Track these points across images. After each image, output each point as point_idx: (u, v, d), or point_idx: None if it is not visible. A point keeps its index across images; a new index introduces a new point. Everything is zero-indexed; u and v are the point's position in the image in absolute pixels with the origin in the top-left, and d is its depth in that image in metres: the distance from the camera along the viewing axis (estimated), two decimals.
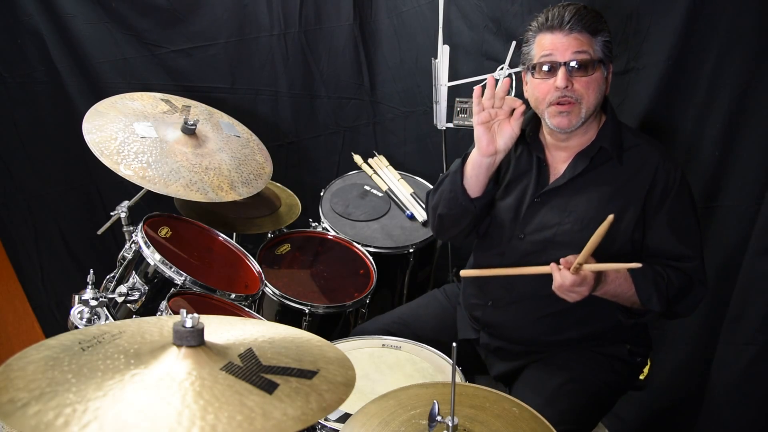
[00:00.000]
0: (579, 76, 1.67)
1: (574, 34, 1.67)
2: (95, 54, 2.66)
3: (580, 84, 1.67)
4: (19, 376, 1.01)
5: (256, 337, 1.20)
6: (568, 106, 1.68)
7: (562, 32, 1.67)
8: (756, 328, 1.71)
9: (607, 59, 1.71)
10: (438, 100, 2.48)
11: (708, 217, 1.99)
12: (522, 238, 1.79)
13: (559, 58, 1.67)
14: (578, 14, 1.67)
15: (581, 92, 1.68)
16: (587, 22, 1.67)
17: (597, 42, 1.68)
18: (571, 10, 1.68)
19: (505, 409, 1.31)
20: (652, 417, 2.24)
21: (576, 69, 1.67)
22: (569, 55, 1.66)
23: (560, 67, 1.67)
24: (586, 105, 1.69)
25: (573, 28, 1.66)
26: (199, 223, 2.20)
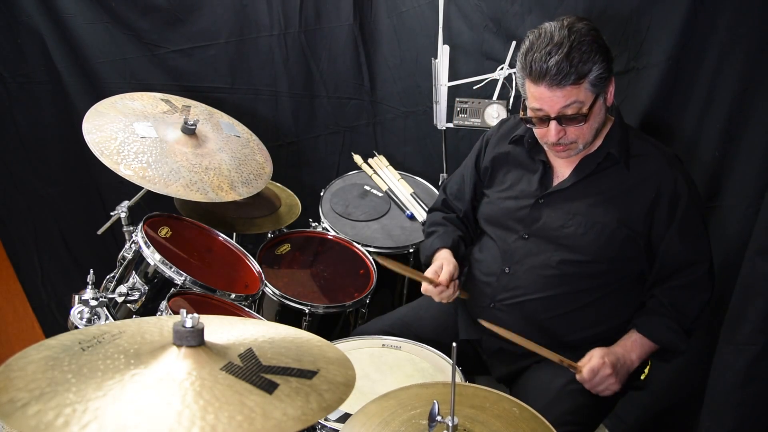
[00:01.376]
0: (572, 125, 1.65)
1: (560, 90, 1.60)
2: (95, 54, 2.66)
3: (574, 131, 1.67)
4: (19, 376, 1.01)
5: (256, 337, 1.20)
6: (564, 147, 1.70)
7: (545, 86, 1.60)
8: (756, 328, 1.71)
9: (605, 84, 1.65)
10: (438, 100, 2.48)
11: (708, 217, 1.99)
12: (526, 238, 1.79)
13: (548, 110, 1.64)
14: (559, 65, 1.57)
15: (576, 135, 1.67)
16: (572, 71, 1.58)
17: (587, 84, 1.61)
18: (555, 60, 1.57)
19: (505, 409, 1.31)
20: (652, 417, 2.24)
21: (567, 120, 1.64)
22: (557, 110, 1.63)
23: (550, 120, 1.65)
24: (583, 142, 1.70)
25: (555, 79, 1.59)
26: (199, 223, 2.20)
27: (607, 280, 1.74)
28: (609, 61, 1.66)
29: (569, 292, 1.75)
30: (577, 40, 1.59)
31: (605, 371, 1.65)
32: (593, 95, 1.64)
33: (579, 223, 1.72)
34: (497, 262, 1.84)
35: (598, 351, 1.68)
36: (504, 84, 2.37)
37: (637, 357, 1.72)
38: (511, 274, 1.81)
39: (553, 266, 1.75)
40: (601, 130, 1.75)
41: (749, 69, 1.83)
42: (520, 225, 1.80)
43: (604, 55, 1.63)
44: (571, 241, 1.73)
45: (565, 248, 1.74)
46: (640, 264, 1.75)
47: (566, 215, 1.74)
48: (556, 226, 1.75)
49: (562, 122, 1.65)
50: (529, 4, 2.36)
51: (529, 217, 1.79)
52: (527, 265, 1.79)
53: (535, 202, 1.79)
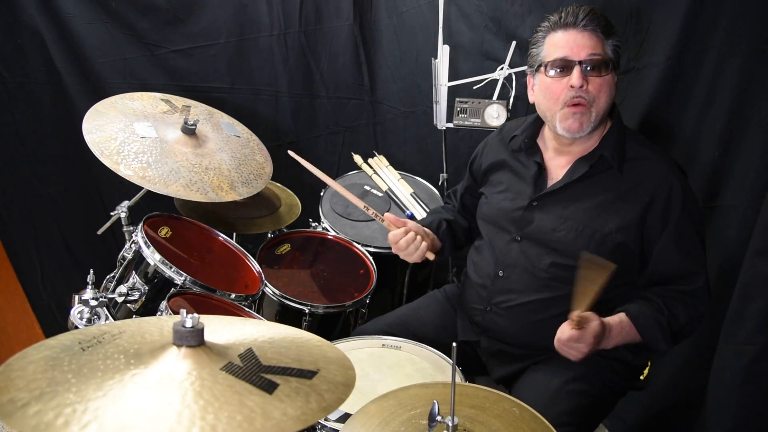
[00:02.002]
0: (593, 77, 1.66)
1: (589, 33, 1.67)
2: (95, 54, 2.66)
3: (594, 85, 1.67)
4: (19, 376, 1.01)
5: (256, 337, 1.20)
6: (582, 107, 1.67)
7: (576, 29, 1.67)
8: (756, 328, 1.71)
9: (617, 61, 1.72)
10: (438, 100, 2.48)
11: (708, 217, 1.99)
12: (519, 240, 1.80)
13: (574, 56, 1.66)
14: (592, 13, 1.68)
15: (594, 94, 1.67)
16: (601, 23, 1.68)
17: (609, 45, 1.69)
18: (585, 9, 1.68)
19: (505, 409, 1.31)
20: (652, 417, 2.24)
21: (590, 69, 1.66)
22: (584, 55, 1.66)
23: (575, 65, 1.66)
24: (596, 108, 1.68)
25: (587, 26, 1.66)
26: (199, 223, 2.20)
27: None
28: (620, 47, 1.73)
29: (563, 295, 1.74)
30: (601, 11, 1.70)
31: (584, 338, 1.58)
32: (613, 59, 1.69)
33: (570, 228, 1.72)
34: (491, 266, 1.85)
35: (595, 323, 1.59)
36: (504, 84, 2.37)
37: (614, 340, 1.66)
38: (505, 278, 1.81)
39: (544, 269, 1.75)
40: (600, 131, 1.74)
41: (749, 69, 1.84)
42: (514, 227, 1.81)
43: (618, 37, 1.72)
44: (562, 246, 1.72)
45: (556, 252, 1.74)
46: (635, 269, 1.74)
47: (558, 219, 1.74)
48: (548, 230, 1.75)
49: (586, 70, 1.67)
50: (529, 4, 2.36)
51: (522, 219, 1.79)
52: (520, 267, 1.79)
53: (528, 204, 1.79)
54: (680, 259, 1.69)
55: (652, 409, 2.23)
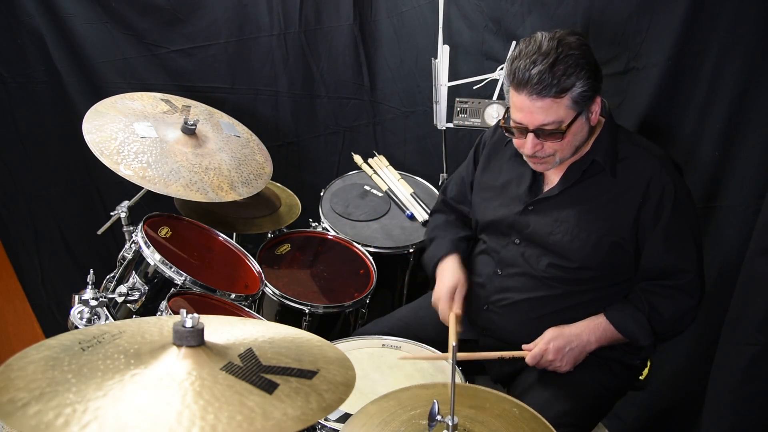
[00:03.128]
0: (549, 140, 1.64)
1: (540, 102, 1.58)
2: (95, 54, 2.66)
3: (552, 146, 1.65)
4: (19, 376, 1.01)
5: (256, 337, 1.20)
6: (541, 160, 1.69)
7: (527, 96, 1.59)
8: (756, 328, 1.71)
9: (588, 102, 1.63)
10: (438, 100, 2.48)
11: (708, 217, 1.99)
12: (518, 244, 1.80)
13: (527, 122, 1.63)
14: (541, 75, 1.55)
15: (554, 148, 1.66)
16: (553, 83, 1.56)
17: (568, 99, 1.59)
18: (538, 69, 1.56)
19: (504, 409, 1.31)
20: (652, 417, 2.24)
21: (544, 135, 1.63)
22: (537, 123, 1.62)
23: (527, 133, 1.64)
24: (560, 156, 1.68)
25: (539, 91, 1.57)
26: (199, 223, 2.20)
27: (598, 284, 1.75)
28: (596, 79, 1.63)
29: (560, 294, 1.75)
30: (565, 53, 1.58)
31: (548, 357, 1.69)
32: (574, 113, 1.62)
33: (566, 231, 1.72)
34: (490, 265, 1.85)
35: (548, 333, 1.71)
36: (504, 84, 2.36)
37: (595, 340, 1.71)
38: (504, 276, 1.82)
39: (542, 270, 1.76)
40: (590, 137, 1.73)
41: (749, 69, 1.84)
42: (511, 230, 1.81)
43: (590, 72, 1.61)
44: (559, 248, 1.73)
45: (553, 254, 1.74)
46: (631, 269, 1.74)
47: (554, 222, 1.74)
48: (544, 233, 1.75)
49: (540, 136, 1.64)
50: (529, 4, 2.36)
51: (519, 223, 1.79)
52: (518, 268, 1.80)
53: (524, 209, 1.79)
54: (670, 256, 1.69)
55: (652, 409, 2.23)
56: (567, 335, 1.71)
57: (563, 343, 1.70)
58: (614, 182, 1.70)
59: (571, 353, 1.70)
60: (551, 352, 1.69)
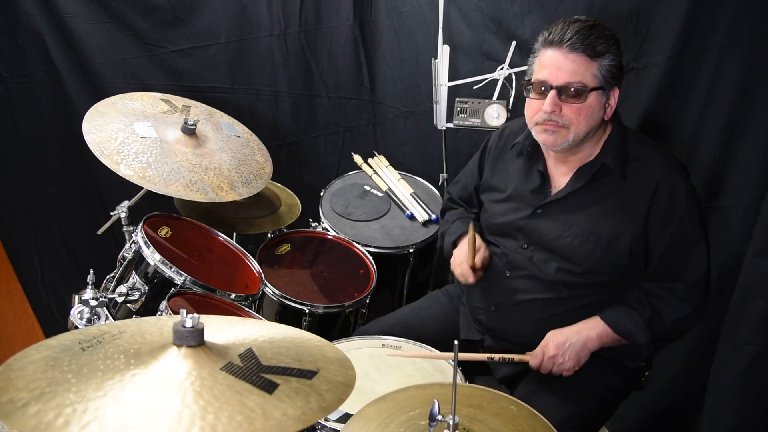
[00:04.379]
0: (570, 102, 1.63)
1: (573, 56, 1.61)
2: (95, 54, 2.66)
3: (570, 110, 1.64)
4: (19, 376, 1.01)
5: (256, 337, 1.20)
6: (553, 125, 1.66)
7: (560, 51, 1.62)
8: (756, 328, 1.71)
9: (611, 83, 1.65)
10: (438, 100, 2.48)
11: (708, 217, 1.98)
12: (526, 248, 1.79)
13: (552, 80, 1.63)
14: (580, 33, 1.60)
15: (570, 118, 1.64)
16: (589, 44, 1.60)
17: (597, 66, 1.62)
18: (575, 27, 1.61)
19: (502, 407, 1.31)
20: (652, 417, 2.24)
21: (567, 95, 1.63)
22: (562, 80, 1.62)
23: (550, 90, 1.64)
24: (574, 131, 1.66)
25: (573, 47, 1.60)
26: (199, 223, 2.20)
27: (606, 287, 1.75)
28: (621, 65, 1.67)
29: (567, 297, 1.75)
30: (602, 27, 1.65)
31: (549, 352, 1.70)
32: (599, 83, 1.63)
33: (575, 235, 1.71)
34: (499, 267, 1.85)
35: (548, 334, 1.73)
36: (504, 84, 2.36)
37: (596, 336, 1.72)
38: (512, 278, 1.81)
39: (552, 273, 1.75)
40: (600, 137, 1.73)
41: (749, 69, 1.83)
42: (520, 234, 1.80)
43: (619, 54, 1.66)
44: (568, 252, 1.72)
45: (562, 258, 1.74)
46: (640, 272, 1.74)
47: (563, 226, 1.73)
48: (552, 237, 1.74)
49: (562, 95, 1.63)
50: (529, 4, 2.36)
51: (527, 227, 1.79)
52: (527, 271, 1.79)
53: (532, 213, 1.78)
54: (679, 259, 1.69)
55: (652, 409, 2.23)
56: (566, 332, 1.71)
57: (563, 339, 1.70)
58: (624, 185, 1.69)
59: (572, 348, 1.69)
60: (552, 347, 1.69)
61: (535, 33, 1.73)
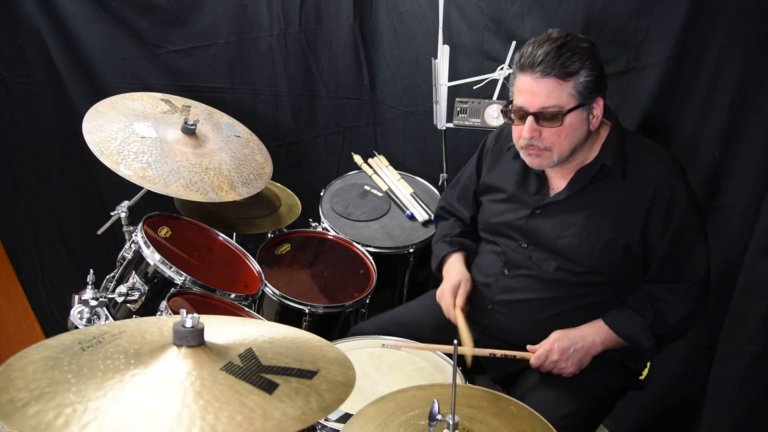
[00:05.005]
0: (547, 126, 1.63)
1: (545, 81, 1.59)
2: (95, 54, 2.66)
3: (550, 133, 1.64)
4: (19, 376, 1.01)
5: (256, 337, 1.20)
6: (536, 150, 1.67)
7: (532, 76, 1.60)
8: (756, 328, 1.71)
9: (590, 97, 1.63)
10: (438, 100, 2.48)
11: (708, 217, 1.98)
12: (525, 247, 1.79)
13: (528, 106, 1.63)
14: (550, 56, 1.58)
15: (551, 140, 1.65)
16: (560, 66, 1.58)
17: (572, 85, 1.60)
18: (545, 49, 1.59)
19: (502, 407, 1.32)
20: (652, 417, 2.24)
21: (543, 120, 1.63)
22: (537, 106, 1.61)
23: (527, 116, 1.64)
24: (557, 151, 1.66)
25: (544, 73, 1.59)
26: (199, 223, 2.20)
27: (605, 287, 1.75)
28: (600, 78, 1.64)
29: (566, 297, 1.75)
30: (573, 42, 1.61)
31: (553, 357, 1.70)
32: (576, 102, 1.62)
33: (574, 234, 1.72)
34: (497, 265, 1.85)
35: (553, 335, 1.72)
36: (504, 84, 2.36)
37: (600, 342, 1.72)
38: (510, 277, 1.82)
39: (551, 272, 1.75)
40: (594, 141, 1.73)
41: (749, 69, 1.83)
42: (519, 234, 1.81)
43: (596, 67, 1.63)
44: (567, 252, 1.73)
45: (561, 258, 1.74)
46: (639, 273, 1.74)
47: (562, 226, 1.74)
48: (552, 237, 1.75)
49: (539, 120, 1.63)
50: (529, 4, 2.36)
51: (526, 227, 1.79)
52: (526, 270, 1.79)
53: (531, 213, 1.79)
54: (679, 261, 1.70)
55: (652, 409, 2.23)
56: (572, 336, 1.71)
57: (568, 344, 1.70)
58: (623, 185, 1.69)
59: (576, 354, 1.70)
60: (556, 352, 1.69)
61: (535, 33, 1.73)
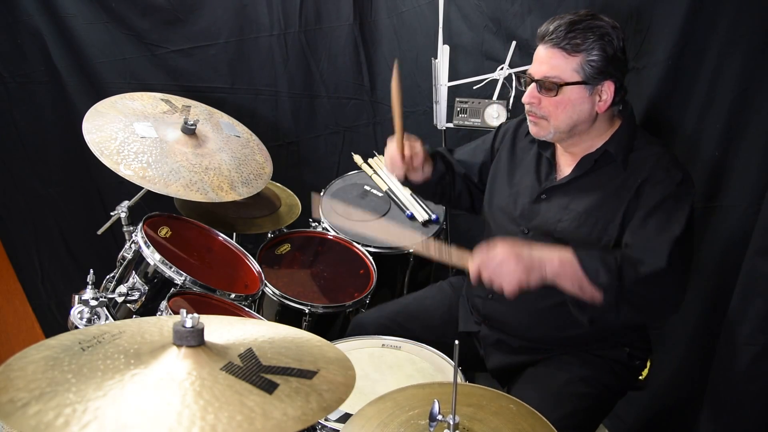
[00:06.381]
0: (545, 95, 1.68)
1: (552, 51, 1.65)
2: (95, 54, 2.66)
3: (548, 102, 1.68)
4: (19, 376, 1.01)
5: (256, 337, 1.20)
6: (534, 117, 1.72)
7: (543, 46, 1.68)
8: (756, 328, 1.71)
9: (598, 78, 1.65)
10: (438, 100, 2.48)
11: (708, 217, 1.99)
12: (527, 233, 1.80)
13: (533, 73, 1.69)
14: (561, 29, 1.63)
15: (548, 110, 1.68)
16: (569, 39, 1.63)
17: (579, 62, 1.63)
18: (558, 23, 1.65)
19: (502, 406, 1.31)
20: (652, 417, 2.24)
21: (542, 88, 1.68)
22: (540, 74, 1.67)
23: (531, 83, 1.69)
24: (554, 122, 1.69)
25: (555, 42, 1.64)
26: (199, 223, 2.20)
27: None
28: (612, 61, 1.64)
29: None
30: (590, 21, 1.65)
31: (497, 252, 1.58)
32: (579, 78, 1.65)
33: (573, 218, 1.73)
34: None
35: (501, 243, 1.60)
36: (504, 84, 2.36)
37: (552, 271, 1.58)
38: None
39: None
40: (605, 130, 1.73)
41: (749, 69, 1.83)
42: (522, 219, 1.81)
43: (608, 49, 1.64)
44: (566, 236, 1.72)
45: (561, 242, 1.72)
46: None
47: (562, 210, 1.75)
48: (552, 221, 1.75)
49: (540, 89, 1.68)
50: (529, 4, 2.36)
51: (530, 211, 1.80)
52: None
53: (537, 198, 1.80)
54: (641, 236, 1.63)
55: (652, 409, 2.23)
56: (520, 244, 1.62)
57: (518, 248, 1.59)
58: (624, 173, 1.70)
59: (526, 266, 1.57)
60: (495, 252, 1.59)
61: (535, 33, 1.73)
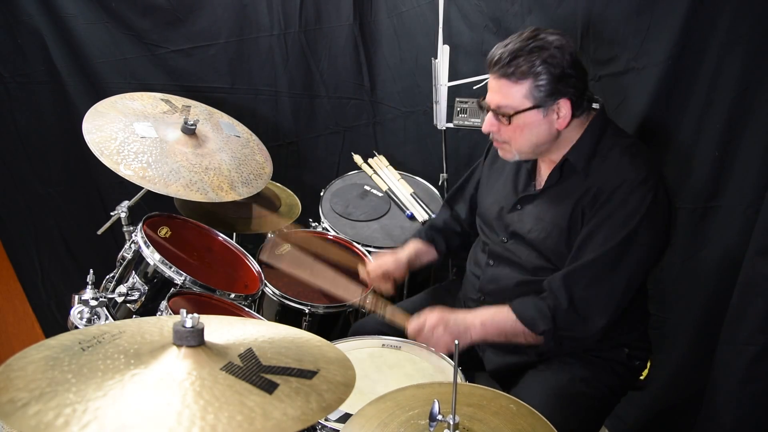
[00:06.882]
0: (502, 123, 1.70)
1: (500, 81, 1.66)
2: (95, 54, 2.66)
3: (506, 129, 1.70)
4: (19, 376, 1.01)
5: (256, 337, 1.20)
6: (498, 143, 1.76)
7: (493, 75, 1.68)
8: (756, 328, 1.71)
9: (550, 99, 1.64)
10: (438, 100, 2.49)
11: (708, 217, 1.99)
12: (505, 242, 1.84)
13: (488, 101, 1.71)
14: (507, 57, 1.62)
15: (508, 135, 1.71)
16: (515, 68, 1.62)
17: (528, 87, 1.63)
18: (503, 51, 1.64)
19: (502, 406, 1.31)
20: (652, 417, 2.24)
21: (498, 117, 1.69)
22: (494, 104, 1.69)
23: (488, 111, 1.71)
24: (516, 147, 1.72)
25: (500, 73, 1.65)
26: (199, 223, 2.20)
27: None
28: (560, 80, 1.63)
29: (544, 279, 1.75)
30: (535, 44, 1.63)
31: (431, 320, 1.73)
32: (531, 104, 1.65)
33: (542, 228, 1.75)
34: (484, 257, 1.90)
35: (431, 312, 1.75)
36: None
37: (480, 323, 1.73)
38: (494, 267, 1.87)
39: (530, 262, 1.79)
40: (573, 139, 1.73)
41: (749, 69, 1.83)
42: (500, 228, 1.86)
43: (555, 70, 1.62)
44: (537, 245, 1.76)
45: (535, 251, 1.77)
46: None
47: (534, 220, 1.78)
48: (526, 231, 1.79)
49: (497, 117, 1.70)
50: (529, 4, 2.36)
51: (508, 220, 1.84)
52: (506, 260, 1.84)
53: (512, 207, 1.84)
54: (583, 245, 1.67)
55: (652, 409, 2.23)
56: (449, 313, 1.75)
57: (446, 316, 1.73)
58: (586, 181, 1.70)
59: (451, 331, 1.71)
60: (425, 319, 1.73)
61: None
